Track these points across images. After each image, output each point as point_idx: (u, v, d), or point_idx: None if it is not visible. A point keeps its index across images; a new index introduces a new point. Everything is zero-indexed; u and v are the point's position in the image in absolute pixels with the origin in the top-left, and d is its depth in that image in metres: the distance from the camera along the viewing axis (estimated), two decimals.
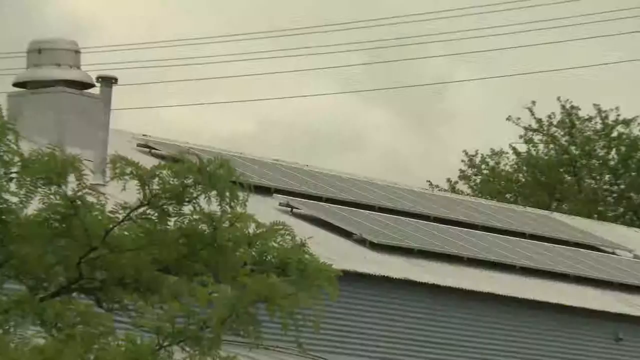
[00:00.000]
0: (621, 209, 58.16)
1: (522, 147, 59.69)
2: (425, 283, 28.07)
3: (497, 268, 30.80)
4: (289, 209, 28.24)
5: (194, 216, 7.84)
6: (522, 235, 34.61)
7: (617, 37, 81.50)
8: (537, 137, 59.42)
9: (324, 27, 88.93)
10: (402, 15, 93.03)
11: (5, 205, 7.64)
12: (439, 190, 52.63)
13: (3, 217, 7.63)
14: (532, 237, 34.80)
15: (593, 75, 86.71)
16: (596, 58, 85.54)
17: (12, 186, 7.66)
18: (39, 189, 7.68)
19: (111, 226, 7.71)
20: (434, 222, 32.79)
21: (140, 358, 7.42)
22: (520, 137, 59.53)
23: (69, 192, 7.71)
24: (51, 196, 7.71)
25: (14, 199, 7.69)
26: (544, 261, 32.61)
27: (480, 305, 28.91)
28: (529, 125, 59.06)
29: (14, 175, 7.66)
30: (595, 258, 35.10)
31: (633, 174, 58.74)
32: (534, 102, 58.92)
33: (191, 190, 7.79)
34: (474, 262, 30.59)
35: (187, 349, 7.60)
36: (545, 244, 34.56)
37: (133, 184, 7.74)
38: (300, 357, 20.73)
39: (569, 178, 59.45)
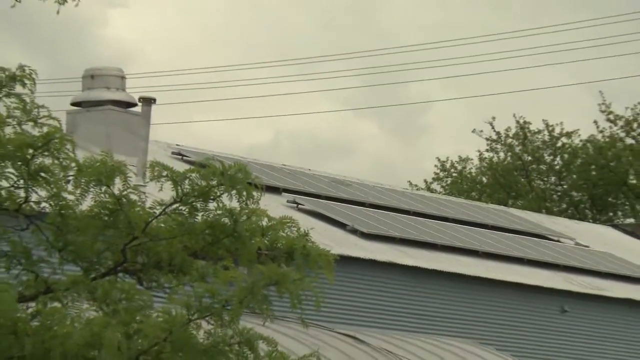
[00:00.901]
0: (564, 205, 58.17)
1: (485, 155, 59.94)
2: (405, 265, 28.03)
3: (465, 253, 30.78)
4: (295, 205, 28.21)
5: (218, 211, 7.81)
6: (484, 226, 34.62)
7: (563, 66, 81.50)
8: (496, 146, 59.58)
9: (326, 56, 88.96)
10: (391, 47, 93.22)
11: (64, 202, 7.59)
12: (417, 189, 52.68)
13: (62, 212, 7.58)
14: (493, 227, 34.80)
15: (542, 96, 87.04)
16: (545, 83, 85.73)
17: (70, 187, 7.61)
18: (92, 189, 7.65)
19: (150, 219, 7.67)
20: (413, 215, 32.79)
21: (173, 328, 7.38)
22: (483, 148, 59.93)
23: (116, 192, 7.68)
24: (101, 195, 7.68)
25: (71, 197, 7.64)
26: (503, 247, 32.59)
27: (450, 284, 28.87)
28: (490, 137, 59.21)
29: (71, 177, 7.62)
30: (544, 245, 35.10)
31: (574, 176, 58.83)
32: (493, 118, 59.03)
33: (215, 190, 7.75)
34: (446, 248, 30.56)
35: (212, 322, 7.56)
36: (504, 233, 34.58)
37: (168, 185, 7.72)
38: (305, 327, 20.64)
39: (522, 180, 59.51)
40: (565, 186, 60.33)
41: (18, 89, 7.38)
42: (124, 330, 7.05)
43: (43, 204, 7.56)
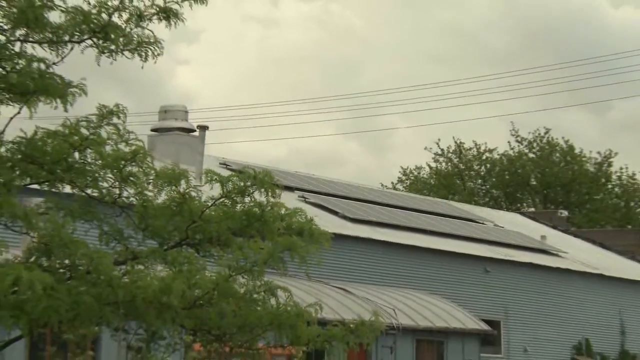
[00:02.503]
0: (487, 199, 58.15)
1: (433, 164, 59.96)
2: (379, 240, 28.01)
3: (419, 232, 30.74)
4: (304, 199, 28.15)
5: (251, 203, 7.77)
6: (432, 213, 34.58)
7: (487, 104, 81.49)
8: (440, 159, 59.53)
9: (325, 98, 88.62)
10: (369, 91, 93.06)
11: (145, 197, 7.55)
12: (387, 189, 52.57)
13: (144, 204, 7.55)
14: (438, 214, 34.78)
15: (472, 125, 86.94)
16: (473, 115, 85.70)
17: (150, 187, 7.58)
18: (165, 188, 7.62)
19: (204, 209, 7.64)
20: (384, 206, 32.76)
21: (220, 282, 7.37)
22: (432, 159, 59.99)
23: (181, 190, 7.64)
24: (171, 192, 7.65)
25: (150, 194, 7.61)
26: (444, 228, 32.57)
27: (409, 253, 28.83)
28: (436, 152, 59.21)
29: (151, 180, 7.58)
30: (472, 226, 35.08)
31: (493, 179, 58.76)
32: (439, 139, 59.23)
33: (249, 189, 7.72)
34: (407, 228, 30.52)
35: (245, 277, 7.54)
36: (445, 218, 34.55)
37: (217, 186, 7.69)
38: (309, 282, 20.63)
39: (458, 182, 59.44)
40: (487, 186, 60.30)
41: (114, 119, 7.37)
42: (186, 283, 7.05)
43: (131, 199, 7.55)
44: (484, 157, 59.70)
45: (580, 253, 37.36)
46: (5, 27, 7.07)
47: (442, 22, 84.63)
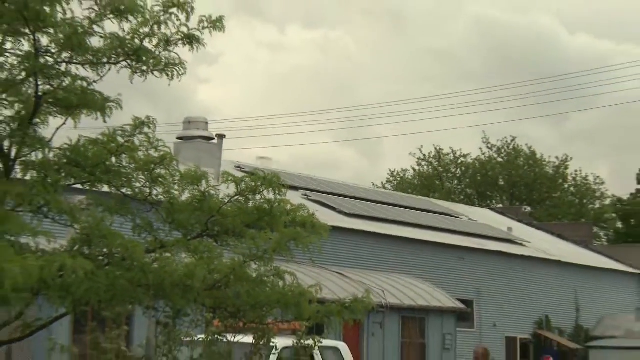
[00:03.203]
0: (462, 197, 58.13)
1: (416, 167, 59.92)
2: (371, 232, 28.05)
3: (404, 225, 30.78)
4: (306, 196, 28.16)
5: (261, 200, 7.75)
6: (416, 209, 34.63)
7: (462, 116, 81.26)
8: (423, 163, 59.53)
9: (324, 111, 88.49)
10: (363, 105, 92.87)
11: (172, 196, 7.53)
12: (377, 188, 52.56)
13: (171, 201, 7.52)
14: (421, 210, 34.83)
15: (449, 133, 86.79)
16: (451, 126, 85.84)
17: (175, 186, 7.56)
18: (188, 188, 7.61)
19: (221, 205, 7.62)
20: (375, 203, 32.79)
21: (235, 267, 7.34)
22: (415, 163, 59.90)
23: (202, 189, 7.63)
24: (193, 191, 7.64)
25: (176, 193, 7.60)
26: (426, 221, 32.61)
27: (397, 242, 28.89)
28: (419, 157, 59.20)
29: (176, 181, 7.58)
30: (450, 220, 35.12)
31: (467, 180, 58.77)
32: (421, 146, 59.28)
33: (260, 188, 7.71)
34: (394, 221, 30.56)
35: (256, 263, 7.53)
36: (427, 213, 34.58)
37: (232, 185, 7.69)
38: (311, 267, 20.61)
39: (437, 182, 59.43)
40: (462, 186, 60.30)
41: (146, 129, 7.36)
42: (207, 269, 7.04)
43: (160, 197, 7.53)
44: (459, 162, 59.81)
45: (541, 243, 37.40)
46: (53, 50, 7.07)
47: (426, 46, 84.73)
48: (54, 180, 7.08)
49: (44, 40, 7.02)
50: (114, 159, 7.24)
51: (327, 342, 13.56)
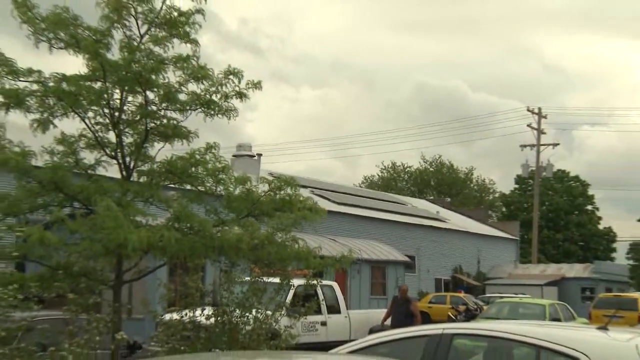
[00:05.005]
0: (408, 192, 57.84)
1: (381, 174, 59.52)
2: (352, 214, 27.94)
3: (372, 209, 30.63)
4: (312, 192, 28.05)
5: (284, 194, 7.53)
6: (379, 200, 34.46)
7: (410, 143, 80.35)
8: (384, 171, 59.21)
9: (323, 139, 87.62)
10: (348, 135, 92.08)
11: (229, 191, 7.28)
12: (356, 187, 52.37)
13: (229, 195, 7.23)
14: (383, 200, 34.66)
15: (401, 154, 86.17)
16: (403, 148, 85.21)
17: (231, 186, 7.27)
18: (239, 186, 7.47)
19: (260, 197, 7.51)
20: (355, 196, 32.65)
21: (268, 236, 7.14)
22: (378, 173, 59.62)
23: (247, 187, 7.47)
24: (242, 188, 7.43)
25: (232, 189, 7.36)
26: (386, 207, 32.44)
27: (373, 222, 28.79)
28: (382, 168, 58.93)
29: (232, 182, 7.40)
30: (400, 206, 34.91)
31: (412, 182, 58.39)
32: (383, 161, 59.34)
33: (283, 186, 7.57)
34: (367, 207, 30.41)
35: (281, 233, 7.29)
36: (386, 202, 34.41)
37: (266, 185, 7.54)
38: (315, 235, 20.52)
39: (393, 183, 59.01)
40: (408, 185, 59.79)
41: (213, 150, 7.31)
42: (250, 237, 6.95)
43: (221, 192, 7.44)
44: (406, 170, 59.47)
45: (456, 220, 37.29)
46: (156, 101, 7.11)
47: (387, 99, 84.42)
48: (157, 182, 7.12)
49: (151, 95, 7.06)
50: (193, 169, 7.22)
51: (325, 282, 13.54)
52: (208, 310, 7.47)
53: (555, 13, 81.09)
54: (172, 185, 7.39)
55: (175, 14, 6.92)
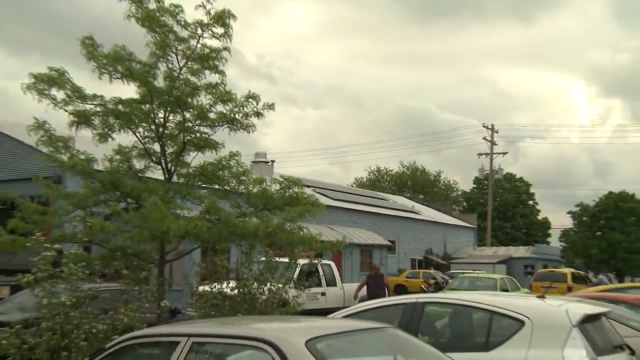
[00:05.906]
0: (389, 191, 57.63)
1: (368, 177, 59.25)
2: (346, 208, 27.85)
3: (363, 204, 30.38)
4: (314, 190, 27.90)
5: (292, 192, 7.39)
6: (367, 196, 34.37)
7: (391, 152, 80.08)
8: (371, 174, 59.01)
9: (323, 149, 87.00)
10: (343, 146, 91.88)
11: (249, 190, 7.10)
12: (350, 186, 52.21)
13: (248, 193, 7.05)
14: (369, 197, 34.57)
15: (384, 160, 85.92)
16: (385, 156, 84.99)
17: (250, 185, 7.18)
18: (256, 186, 7.36)
19: (272, 194, 7.41)
20: (348, 193, 32.55)
21: (279, 224, 7.03)
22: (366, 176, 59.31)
23: (263, 186, 7.40)
24: (259, 187, 7.35)
25: (251, 188, 7.24)
26: (372, 202, 32.21)
27: (358, 213, 28.66)
28: (369, 172, 58.60)
29: (251, 182, 7.30)
30: (383, 201, 34.75)
31: (393, 183, 58.27)
32: (370, 166, 59.04)
33: (291, 186, 7.45)
34: (357, 202, 30.25)
35: (290, 223, 7.08)
36: (372, 198, 34.29)
37: (278, 184, 7.46)
38: (317, 225, 20.46)
39: (378, 184, 58.81)
40: (390, 185, 59.48)
41: (236, 157, 7.28)
42: (265, 225, 6.94)
43: (243, 190, 7.35)
44: (388, 174, 59.31)
45: (428, 213, 37.17)
46: (191, 119, 7.12)
47: (372, 118, 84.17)
48: (192, 183, 7.13)
49: (187, 115, 7.08)
50: (220, 172, 7.21)
51: (324, 261, 13.54)
52: (232, 284, 7.49)
53: (504, 50, 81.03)
54: (204, 185, 7.39)
55: (207, 50, 7.00)
